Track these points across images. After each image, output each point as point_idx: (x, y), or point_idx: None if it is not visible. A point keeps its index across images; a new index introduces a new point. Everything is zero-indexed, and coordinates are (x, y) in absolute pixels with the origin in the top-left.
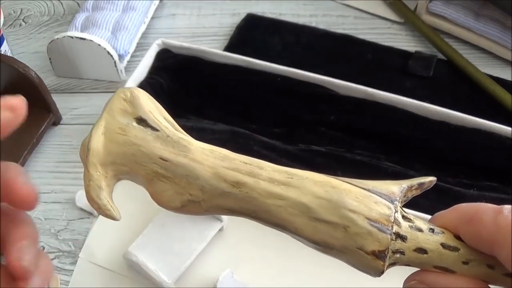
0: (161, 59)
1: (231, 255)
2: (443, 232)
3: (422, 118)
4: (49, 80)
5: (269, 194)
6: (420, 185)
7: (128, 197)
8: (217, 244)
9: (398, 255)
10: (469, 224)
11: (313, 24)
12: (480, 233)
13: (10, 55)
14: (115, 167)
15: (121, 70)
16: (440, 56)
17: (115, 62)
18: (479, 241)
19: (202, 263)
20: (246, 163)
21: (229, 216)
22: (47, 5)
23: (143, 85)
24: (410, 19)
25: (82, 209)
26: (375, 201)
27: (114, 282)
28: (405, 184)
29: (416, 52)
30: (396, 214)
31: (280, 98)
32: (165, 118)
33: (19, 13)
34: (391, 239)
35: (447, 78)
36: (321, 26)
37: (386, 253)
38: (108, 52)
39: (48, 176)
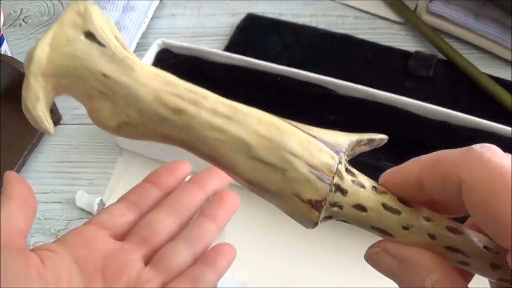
0: (161, 59)
1: None
2: (387, 193)
3: (422, 118)
4: None
5: (210, 126)
6: (370, 141)
7: None
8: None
9: (335, 209)
10: (434, 168)
11: (313, 24)
12: (447, 174)
13: (10, 55)
14: (56, 79)
15: None
16: (440, 56)
17: None
18: (445, 185)
19: None
20: (190, 91)
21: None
22: (47, 5)
23: None
24: (410, 19)
25: (82, 209)
26: (319, 148)
27: None
28: (354, 137)
29: (416, 52)
30: (339, 165)
31: (280, 98)
32: (116, 37)
33: (19, 13)
34: (330, 190)
35: (447, 78)
36: (321, 26)
37: (323, 204)
38: None
39: (48, 176)
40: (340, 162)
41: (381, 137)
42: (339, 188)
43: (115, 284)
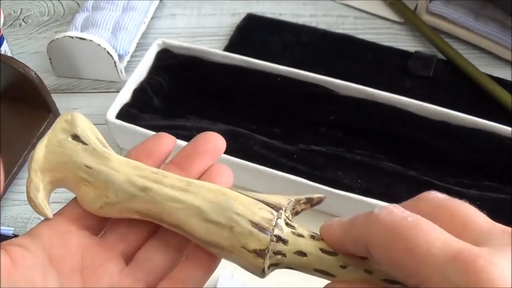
0: (161, 59)
1: None
2: (323, 240)
3: (422, 118)
4: (49, 80)
5: (170, 198)
6: (309, 199)
7: None
8: None
9: (279, 256)
10: (349, 232)
11: (313, 24)
12: (356, 238)
13: (10, 55)
14: (51, 173)
15: (121, 70)
16: (440, 56)
17: (115, 62)
18: (357, 246)
19: None
20: (153, 172)
21: None
22: (47, 5)
23: (143, 85)
24: (410, 19)
25: None
26: (260, 207)
27: None
28: (293, 198)
29: (416, 52)
30: (278, 220)
31: (280, 98)
32: (96, 137)
33: (19, 13)
34: (271, 240)
35: (447, 78)
36: (321, 26)
37: (266, 252)
38: (108, 52)
39: None
40: (279, 217)
41: (318, 196)
42: (280, 239)
43: (96, 285)
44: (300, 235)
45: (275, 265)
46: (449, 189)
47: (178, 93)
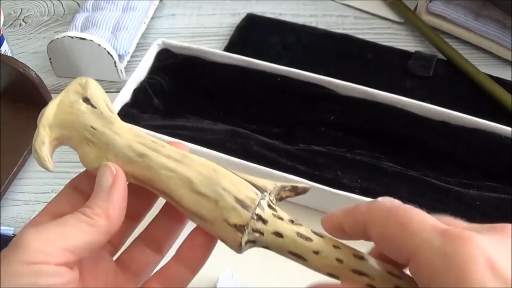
0: (161, 59)
1: (231, 255)
2: (302, 225)
3: (422, 118)
4: (49, 80)
5: (164, 166)
6: (294, 188)
7: None
8: (217, 244)
9: (257, 234)
10: (350, 214)
11: (313, 24)
12: (357, 218)
13: (10, 55)
14: (59, 130)
15: (121, 70)
16: (440, 56)
17: (115, 62)
18: (355, 226)
19: None
20: (153, 142)
21: None
22: (47, 5)
23: (143, 85)
24: (410, 19)
25: None
26: (246, 186)
27: None
28: (279, 183)
29: (416, 52)
30: (262, 201)
31: (280, 98)
32: (106, 104)
33: (19, 13)
34: (252, 218)
35: (447, 78)
36: (321, 26)
37: (245, 228)
38: (108, 52)
39: (48, 176)
40: (263, 199)
41: (303, 186)
42: (260, 218)
43: (96, 285)
44: (280, 218)
45: (252, 242)
46: (449, 189)
47: (178, 93)
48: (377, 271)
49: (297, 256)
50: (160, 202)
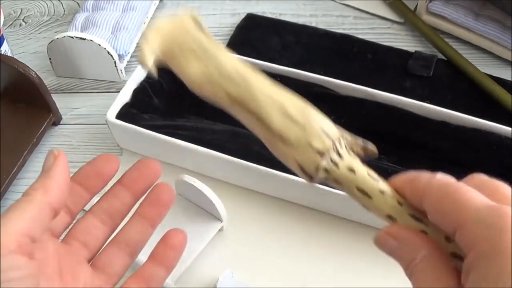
0: None
1: (231, 255)
2: (371, 169)
3: (422, 118)
4: (49, 80)
5: (262, 90)
6: (364, 147)
7: None
8: (217, 244)
9: (333, 166)
10: (411, 182)
11: (313, 24)
12: (417, 187)
13: (10, 55)
14: (164, 42)
15: (121, 70)
16: (440, 56)
17: (115, 62)
18: (415, 194)
19: (202, 263)
20: (254, 70)
21: (229, 217)
22: (47, 5)
23: (143, 85)
24: (410, 19)
25: (82, 209)
26: (330, 123)
27: None
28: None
29: (416, 52)
30: (341, 139)
31: None
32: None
33: (19, 13)
34: (332, 148)
35: (447, 78)
36: (321, 26)
37: (325, 154)
38: (108, 52)
39: None
40: (342, 137)
41: (372, 149)
42: (338, 153)
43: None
44: (354, 158)
45: (326, 172)
46: None
47: (178, 93)
48: (431, 222)
49: (363, 193)
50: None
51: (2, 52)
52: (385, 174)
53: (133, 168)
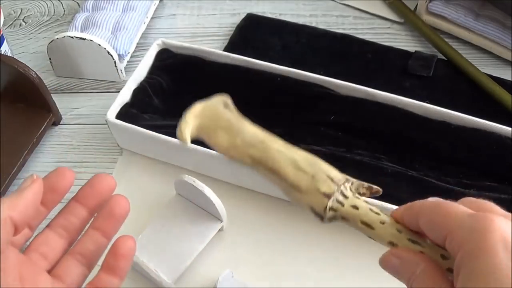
0: (161, 59)
1: (231, 255)
2: (373, 207)
3: (422, 118)
4: (49, 80)
5: (277, 150)
6: (369, 187)
7: (129, 198)
8: (217, 244)
9: (339, 205)
10: (408, 209)
11: (313, 24)
12: (413, 212)
13: (10, 55)
14: (201, 120)
15: (121, 70)
16: (440, 56)
17: (115, 62)
18: (412, 218)
19: (202, 263)
20: (268, 136)
21: (229, 217)
22: (47, 5)
23: (143, 85)
24: (410, 19)
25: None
26: (335, 170)
27: None
28: (356, 180)
29: (416, 52)
30: (346, 183)
31: (280, 98)
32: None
33: (19, 13)
34: (337, 191)
35: (447, 78)
36: (321, 26)
37: (331, 196)
38: (108, 52)
39: None
40: (347, 182)
41: (377, 188)
42: (343, 194)
43: None
44: (357, 197)
45: (334, 211)
46: (449, 189)
47: (178, 93)
48: (427, 242)
49: (366, 225)
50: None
51: (2, 52)
52: (385, 174)
53: (87, 185)
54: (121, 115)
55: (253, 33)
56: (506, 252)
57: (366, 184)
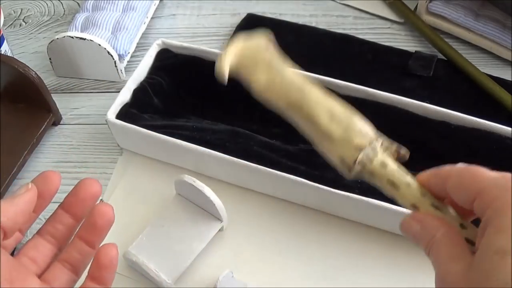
0: (161, 59)
1: (231, 255)
2: (401, 166)
3: (422, 118)
4: (49, 80)
5: (317, 97)
6: (398, 148)
7: (129, 198)
8: (217, 244)
9: (368, 160)
10: (435, 174)
11: (313, 24)
12: (440, 176)
13: (10, 55)
14: (241, 57)
15: (121, 70)
16: (440, 56)
17: (115, 62)
18: (439, 182)
19: (202, 263)
20: (308, 82)
21: (229, 217)
22: (47, 5)
23: (143, 85)
24: (410, 19)
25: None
26: (370, 126)
27: (114, 282)
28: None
29: (416, 52)
30: (379, 139)
31: None
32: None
33: (19, 13)
34: (369, 145)
35: (447, 78)
36: (321, 26)
37: (363, 149)
38: (108, 52)
39: None
40: (379, 139)
41: (404, 153)
42: (374, 149)
43: None
44: (387, 156)
45: (362, 165)
46: None
47: (178, 93)
48: (449, 210)
49: (392, 185)
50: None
51: (2, 52)
52: None
53: (72, 192)
54: (121, 115)
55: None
56: None
57: (395, 146)
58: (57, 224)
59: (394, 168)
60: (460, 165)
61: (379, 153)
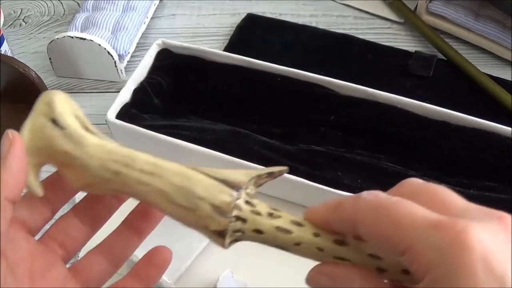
0: (161, 59)
1: (231, 255)
2: (281, 217)
3: (422, 118)
4: (49, 80)
5: (138, 182)
6: (270, 174)
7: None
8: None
9: (239, 234)
10: (335, 211)
11: (313, 24)
12: (343, 216)
13: (10, 55)
14: (36, 156)
15: (121, 70)
16: (440, 56)
17: (115, 62)
18: (343, 224)
19: (202, 263)
20: (124, 156)
21: None
22: (47, 5)
23: (143, 85)
24: (410, 19)
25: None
26: (220, 190)
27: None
28: (254, 173)
29: (416, 52)
30: (238, 201)
31: (280, 98)
32: (76, 116)
33: (19, 13)
34: (230, 222)
35: (447, 78)
36: (321, 26)
37: (225, 232)
38: (108, 52)
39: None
40: (239, 198)
41: (279, 169)
42: (239, 218)
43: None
44: (258, 214)
45: (236, 240)
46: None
47: (178, 93)
48: (358, 255)
49: (280, 248)
50: (125, 213)
51: (2, 52)
52: (385, 174)
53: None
54: (121, 115)
55: (253, 33)
56: (486, 273)
57: (264, 174)
58: (95, 201)
59: (272, 230)
60: (367, 198)
61: (247, 219)
